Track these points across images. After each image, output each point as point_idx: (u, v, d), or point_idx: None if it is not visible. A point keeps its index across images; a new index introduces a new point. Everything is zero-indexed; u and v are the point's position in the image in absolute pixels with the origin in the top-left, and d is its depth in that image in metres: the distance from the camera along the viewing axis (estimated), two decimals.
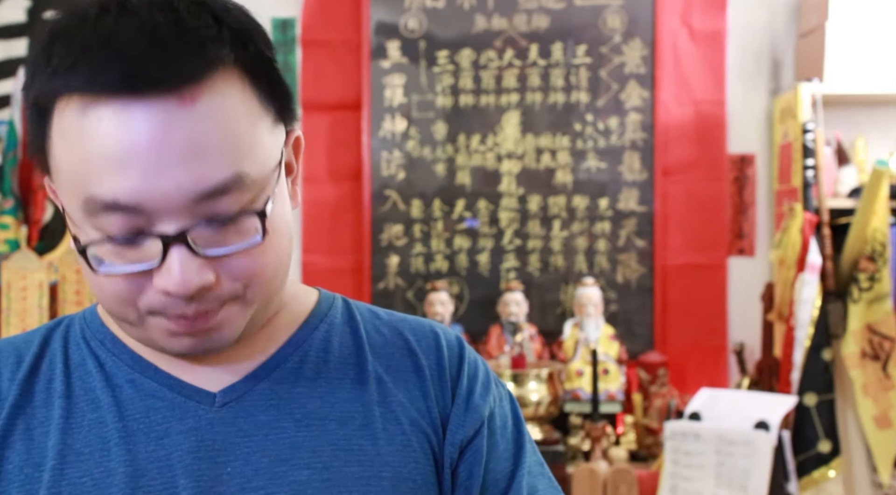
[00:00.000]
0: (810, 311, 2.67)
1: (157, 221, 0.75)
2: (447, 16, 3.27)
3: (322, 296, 0.96)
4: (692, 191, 3.21)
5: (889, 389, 2.62)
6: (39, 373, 0.87)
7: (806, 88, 2.88)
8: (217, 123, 0.75)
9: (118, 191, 0.74)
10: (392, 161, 3.28)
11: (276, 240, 0.81)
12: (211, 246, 0.77)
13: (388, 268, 3.29)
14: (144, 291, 0.78)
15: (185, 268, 0.75)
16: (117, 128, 0.74)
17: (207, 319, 0.80)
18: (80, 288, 2.90)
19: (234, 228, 0.78)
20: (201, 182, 0.75)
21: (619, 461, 2.75)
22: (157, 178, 0.74)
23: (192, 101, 0.74)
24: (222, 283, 0.79)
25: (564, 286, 3.26)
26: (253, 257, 0.79)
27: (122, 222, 0.75)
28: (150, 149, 0.73)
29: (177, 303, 0.78)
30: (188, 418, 0.84)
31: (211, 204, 0.76)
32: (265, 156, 0.79)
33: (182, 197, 0.74)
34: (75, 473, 0.81)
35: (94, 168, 0.74)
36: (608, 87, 3.23)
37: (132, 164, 0.73)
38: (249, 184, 0.77)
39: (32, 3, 3.34)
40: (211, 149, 0.75)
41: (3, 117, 3.24)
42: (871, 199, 2.64)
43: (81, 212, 0.77)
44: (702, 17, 3.21)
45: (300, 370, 0.88)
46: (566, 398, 2.87)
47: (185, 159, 0.74)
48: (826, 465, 2.61)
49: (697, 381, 2.98)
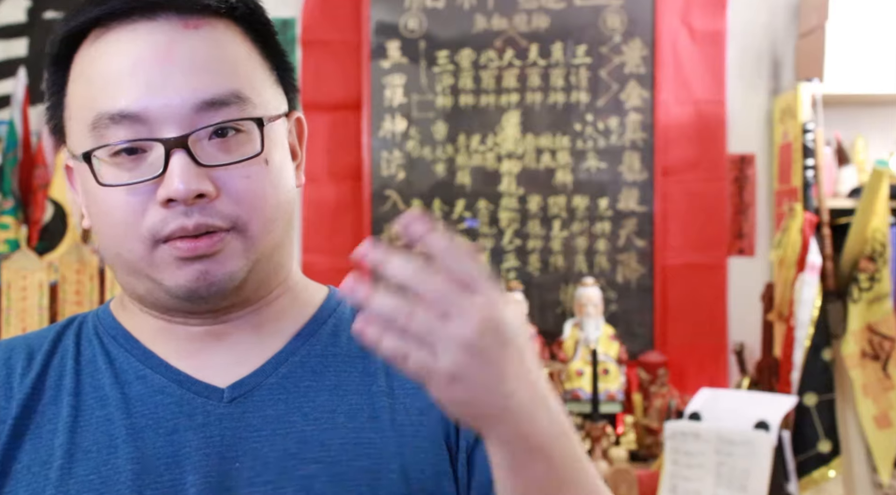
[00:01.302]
0: (810, 311, 2.67)
1: (159, 130, 0.80)
2: (447, 16, 3.27)
3: (332, 292, 0.97)
4: (692, 191, 3.21)
5: (889, 389, 2.62)
6: (50, 370, 0.88)
7: (806, 88, 2.88)
8: (218, 49, 0.83)
9: (125, 101, 0.80)
10: (392, 161, 3.28)
11: (275, 175, 0.85)
12: (212, 160, 0.81)
13: None
14: (147, 211, 0.81)
15: (185, 172, 0.79)
16: (125, 46, 0.81)
17: (209, 240, 0.81)
18: (79, 288, 2.90)
19: (235, 146, 0.82)
20: (202, 91, 0.81)
21: (619, 461, 2.75)
22: (160, 88, 0.80)
23: (195, 27, 0.82)
24: (221, 200, 0.81)
25: (564, 286, 3.26)
26: (251, 179, 0.82)
27: (127, 134, 0.81)
28: (154, 62, 0.80)
29: (178, 215, 0.80)
30: (197, 414, 0.84)
31: (211, 115, 0.81)
32: (267, 97, 0.86)
33: (183, 104, 0.80)
34: (82, 471, 0.82)
35: (104, 85, 0.82)
36: (608, 87, 3.23)
37: (138, 75, 0.80)
38: (247, 105, 0.83)
39: (32, 3, 3.34)
40: (212, 66, 0.82)
41: (3, 117, 3.24)
42: (871, 199, 2.64)
43: (90, 136, 0.82)
44: (702, 17, 3.21)
45: (308, 363, 0.89)
46: (566, 398, 2.87)
47: (187, 71, 0.81)
48: (826, 465, 2.61)
49: (697, 381, 2.98)
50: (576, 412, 2.88)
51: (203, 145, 0.81)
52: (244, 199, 0.82)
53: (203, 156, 0.80)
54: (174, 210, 0.80)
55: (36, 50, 3.33)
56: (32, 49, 3.33)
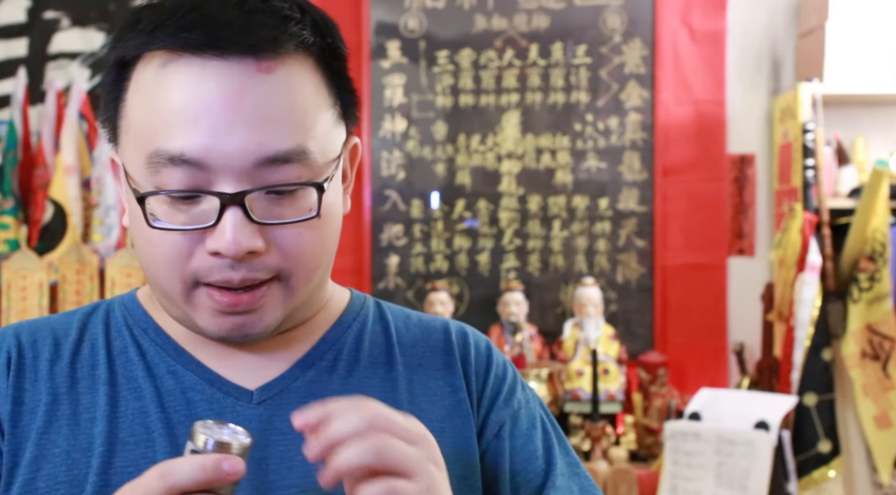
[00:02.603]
0: (810, 311, 2.67)
1: (217, 181, 0.78)
2: (447, 16, 3.27)
3: (354, 296, 0.98)
4: (692, 191, 3.21)
5: (889, 389, 2.62)
6: (82, 358, 0.88)
7: (806, 88, 2.88)
8: (288, 96, 0.79)
9: (186, 145, 0.77)
10: (392, 161, 3.28)
11: (326, 228, 0.84)
12: (266, 216, 0.79)
13: (388, 268, 3.29)
14: (194, 254, 0.80)
15: (238, 230, 0.78)
16: (194, 84, 0.77)
17: (251, 296, 0.81)
18: (79, 288, 2.90)
19: (290, 202, 0.80)
20: (265, 146, 0.78)
21: (619, 461, 2.75)
22: (224, 137, 0.77)
23: (268, 71, 0.78)
24: (270, 255, 0.80)
25: (564, 286, 3.26)
26: (303, 235, 0.81)
27: (184, 178, 0.78)
28: (221, 108, 0.77)
29: (224, 268, 0.79)
30: (226, 414, 0.85)
31: (272, 171, 0.78)
32: (327, 144, 0.83)
33: (245, 158, 0.77)
34: (122, 462, 0.82)
35: (166, 121, 0.78)
36: (608, 87, 3.23)
37: (203, 120, 0.77)
38: (310, 161, 0.80)
39: (32, 3, 3.34)
40: (279, 119, 0.78)
41: (3, 117, 3.24)
42: (871, 199, 2.64)
43: (145, 167, 0.79)
44: (702, 17, 3.21)
45: (334, 368, 0.89)
46: (566, 398, 2.87)
47: (253, 123, 0.77)
48: (826, 465, 2.61)
49: (697, 381, 2.98)
50: (576, 412, 2.88)
51: (258, 199, 0.79)
52: (292, 254, 0.81)
53: (258, 211, 0.79)
54: (221, 261, 0.79)
55: (36, 50, 3.33)
56: (32, 49, 3.33)
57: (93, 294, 2.90)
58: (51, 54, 3.32)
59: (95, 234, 3.07)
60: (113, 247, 3.02)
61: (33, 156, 3.14)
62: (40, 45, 3.32)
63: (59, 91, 3.19)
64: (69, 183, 3.02)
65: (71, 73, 3.28)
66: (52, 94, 3.17)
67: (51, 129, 3.14)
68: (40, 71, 3.31)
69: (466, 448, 0.89)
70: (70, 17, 3.33)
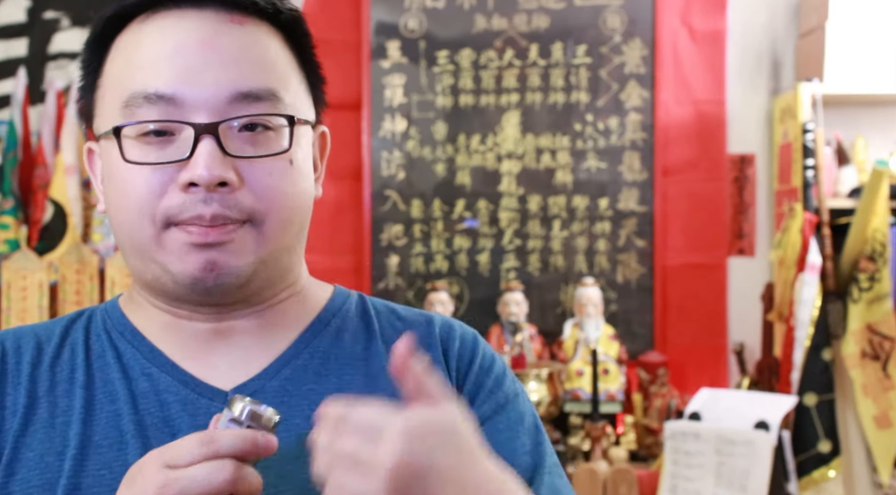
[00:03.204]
0: (810, 311, 2.67)
1: (191, 115, 0.81)
2: (447, 16, 3.27)
3: (336, 292, 0.97)
4: (692, 191, 3.21)
5: (889, 389, 2.62)
6: (62, 362, 0.88)
7: (806, 88, 2.88)
8: (259, 47, 0.85)
9: (161, 82, 0.81)
10: (392, 161, 3.28)
11: (299, 181, 0.86)
12: (239, 151, 0.82)
13: (388, 268, 3.29)
14: (166, 193, 0.81)
15: (211, 158, 0.80)
16: (170, 30, 0.84)
17: (224, 231, 0.81)
18: (79, 288, 2.90)
19: (263, 141, 0.84)
20: (239, 83, 0.82)
21: (619, 461, 2.74)
22: (199, 73, 0.81)
23: (240, 23, 0.85)
24: (242, 192, 0.82)
25: (564, 286, 3.26)
26: (275, 178, 0.83)
27: (159, 115, 0.81)
28: (197, 48, 0.82)
29: (196, 201, 0.80)
30: (200, 415, 0.84)
31: (245, 106, 0.82)
32: (297, 102, 0.87)
33: (219, 92, 0.82)
34: (94, 465, 0.82)
35: (143, 66, 0.82)
36: (608, 87, 3.23)
37: (178, 59, 0.82)
38: (280, 103, 0.84)
39: (32, 3, 3.34)
40: (252, 61, 0.84)
41: (3, 117, 3.24)
42: (871, 199, 2.64)
43: (121, 115, 0.82)
44: (702, 17, 3.21)
45: (310, 366, 0.89)
46: (566, 398, 2.87)
47: (226, 61, 0.82)
48: (826, 465, 2.61)
49: (697, 381, 2.98)
50: (576, 412, 2.88)
51: (232, 136, 0.82)
52: (264, 194, 0.83)
53: (231, 146, 0.81)
54: (193, 196, 0.80)
55: (36, 50, 3.33)
56: (32, 49, 3.33)
57: (93, 294, 2.90)
58: (51, 54, 3.32)
59: (95, 234, 3.07)
60: (113, 247, 3.02)
61: (33, 156, 3.14)
62: (40, 45, 3.32)
63: (59, 91, 3.18)
64: (69, 183, 3.02)
65: (71, 73, 3.28)
66: (52, 94, 3.17)
67: (51, 129, 3.14)
68: (40, 71, 3.31)
69: None
70: (70, 17, 3.33)
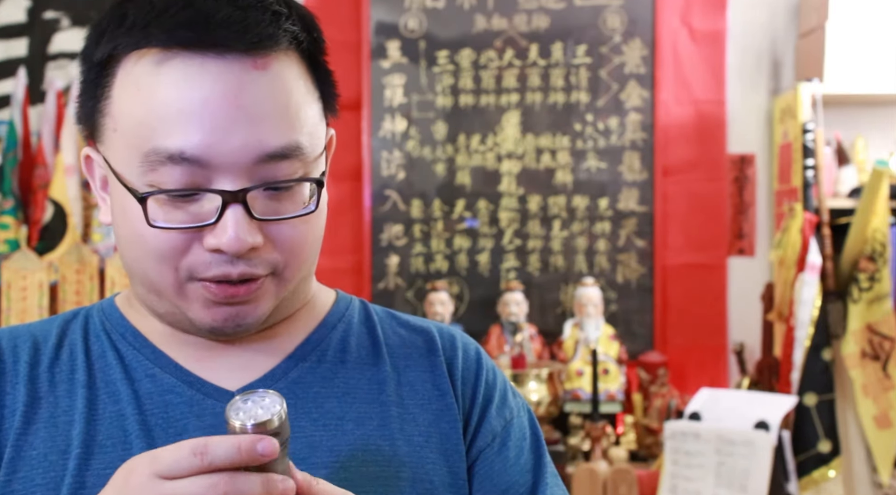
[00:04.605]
0: (810, 311, 2.67)
1: (217, 179, 0.78)
2: (447, 16, 3.27)
3: (340, 297, 0.97)
4: (692, 191, 3.21)
5: (889, 389, 2.62)
6: (61, 363, 0.87)
7: (806, 88, 2.88)
8: (283, 92, 0.80)
9: (186, 142, 0.76)
10: (392, 161, 3.28)
11: (318, 221, 0.85)
12: (265, 212, 0.80)
13: (388, 268, 3.29)
14: (190, 251, 0.79)
15: (240, 227, 0.77)
16: (192, 82, 0.77)
17: (248, 288, 0.81)
18: (79, 288, 2.90)
19: (287, 198, 0.81)
20: (265, 143, 0.78)
21: (619, 461, 2.75)
22: (225, 134, 0.77)
23: (263, 68, 0.78)
24: (267, 249, 0.81)
25: (564, 286, 3.26)
26: (297, 229, 0.82)
27: (183, 176, 0.77)
28: (221, 106, 0.77)
29: (222, 263, 0.79)
30: (206, 415, 0.84)
31: (270, 168, 0.79)
32: (316, 139, 0.83)
33: (246, 156, 0.77)
34: (99, 464, 0.82)
35: (164, 119, 0.77)
36: (608, 87, 3.23)
37: (203, 118, 0.76)
38: (303, 156, 0.81)
39: (32, 3, 3.34)
40: (276, 115, 0.79)
41: (3, 117, 3.24)
42: (871, 199, 2.64)
43: (139, 165, 0.78)
44: (702, 17, 3.21)
45: (318, 369, 0.89)
46: (566, 398, 2.87)
47: (253, 120, 0.77)
48: (826, 465, 2.61)
49: (697, 381, 2.98)
50: (576, 412, 2.88)
51: (258, 197, 0.79)
52: (290, 249, 0.82)
53: (257, 207, 0.79)
54: (220, 256, 0.79)
55: (36, 50, 3.33)
56: (32, 49, 3.33)
57: (93, 294, 2.90)
58: (51, 54, 3.32)
59: (95, 234, 3.07)
60: (113, 247, 3.02)
61: (33, 156, 3.14)
62: (40, 45, 3.32)
63: (59, 91, 3.19)
64: (69, 183, 3.03)
65: (71, 73, 3.28)
66: (52, 94, 3.17)
67: (51, 129, 3.14)
68: (40, 71, 3.31)
69: (454, 452, 0.89)
70: (70, 17, 3.33)
